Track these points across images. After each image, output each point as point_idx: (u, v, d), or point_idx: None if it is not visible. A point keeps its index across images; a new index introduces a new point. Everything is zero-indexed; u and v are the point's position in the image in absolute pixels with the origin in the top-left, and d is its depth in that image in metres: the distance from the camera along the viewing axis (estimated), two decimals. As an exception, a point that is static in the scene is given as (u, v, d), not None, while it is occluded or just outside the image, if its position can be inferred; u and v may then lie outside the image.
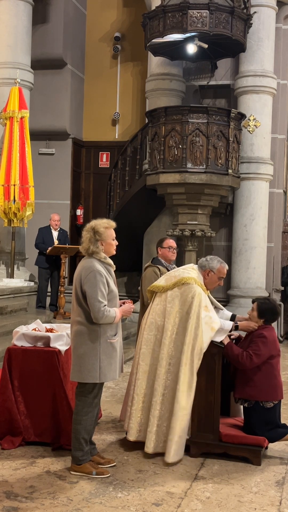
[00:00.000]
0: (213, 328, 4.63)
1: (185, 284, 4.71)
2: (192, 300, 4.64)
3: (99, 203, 12.72)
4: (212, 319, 4.65)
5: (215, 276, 4.81)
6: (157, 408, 4.63)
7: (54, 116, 12.08)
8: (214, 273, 4.80)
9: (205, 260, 4.88)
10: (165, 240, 5.93)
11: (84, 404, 4.28)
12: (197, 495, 3.99)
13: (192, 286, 4.69)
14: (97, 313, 4.10)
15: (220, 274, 4.83)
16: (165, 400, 4.64)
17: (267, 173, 10.35)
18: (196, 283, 4.71)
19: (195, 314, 4.61)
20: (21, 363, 4.81)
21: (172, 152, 9.40)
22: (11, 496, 3.85)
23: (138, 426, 4.72)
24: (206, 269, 4.82)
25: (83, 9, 12.75)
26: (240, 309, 10.17)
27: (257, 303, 4.87)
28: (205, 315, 4.63)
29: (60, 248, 9.41)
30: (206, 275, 4.81)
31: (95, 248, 4.22)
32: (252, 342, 4.72)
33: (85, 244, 4.25)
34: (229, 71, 10.82)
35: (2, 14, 10.20)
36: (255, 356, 4.60)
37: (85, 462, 4.28)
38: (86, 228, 4.29)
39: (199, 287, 4.70)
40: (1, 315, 8.59)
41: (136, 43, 11.98)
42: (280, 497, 4.02)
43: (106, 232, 4.26)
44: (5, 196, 9.72)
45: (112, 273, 4.32)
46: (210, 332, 4.62)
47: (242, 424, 4.90)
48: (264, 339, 4.67)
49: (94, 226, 4.25)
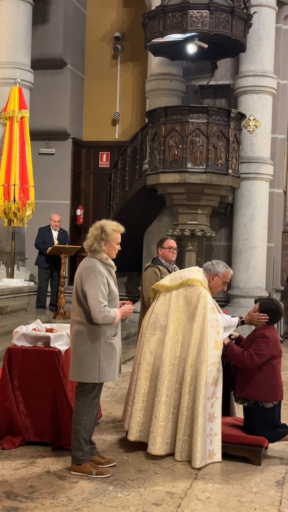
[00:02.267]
0: (218, 332, 4.65)
1: (191, 286, 4.72)
2: (197, 301, 4.65)
3: (99, 203, 12.72)
4: (218, 323, 4.67)
5: (220, 281, 4.83)
6: (161, 408, 4.62)
7: (54, 116, 12.08)
8: (219, 277, 4.82)
9: (210, 264, 4.89)
10: (166, 241, 5.94)
11: (83, 404, 4.28)
12: (197, 495, 3.99)
13: (198, 288, 4.70)
14: (97, 313, 4.10)
15: (225, 279, 4.85)
16: (169, 401, 4.64)
17: (267, 173, 10.35)
18: (202, 285, 4.73)
19: (200, 315, 4.61)
20: (21, 363, 4.81)
21: (172, 152, 9.40)
22: (11, 496, 3.85)
23: (138, 426, 4.72)
24: (212, 273, 4.83)
25: (83, 9, 12.75)
26: (240, 309, 10.17)
27: (260, 303, 4.87)
28: (212, 317, 4.64)
29: (60, 248, 9.41)
30: (211, 279, 4.82)
31: (98, 246, 4.22)
32: (253, 342, 4.72)
33: (90, 241, 4.24)
34: (229, 71, 10.82)
35: (2, 14, 10.20)
36: (256, 356, 4.60)
37: (85, 462, 4.27)
38: (95, 225, 4.28)
39: (205, 289, 4.71)
40: (1, 315, 8.59)
41: (136, 43, 11.98)
42: (280, 497, 4.02)
43: (113, 234, 4.25)
44: (5, 196, 9.72)
45: (113, 273, 4.32)
46: (216, 336, 4.63)
47: (242, 424, 4.90)
48: (266, 339, 4.67)
49: (104, 225, 4.24)
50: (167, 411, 4.63)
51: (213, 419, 4.60)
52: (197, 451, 4.47)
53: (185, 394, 4.58)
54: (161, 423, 4.61)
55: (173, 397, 4.64)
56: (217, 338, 4.64)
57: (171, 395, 4.64)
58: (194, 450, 4.48)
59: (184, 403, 4.57)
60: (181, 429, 4.57)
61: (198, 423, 4.49)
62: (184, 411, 4.57)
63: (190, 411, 4.56)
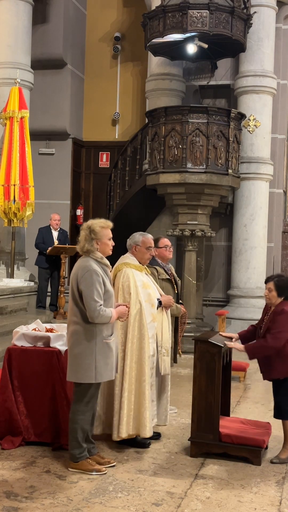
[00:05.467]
0: (153, 305, 4.82)
1: (119, 272, 4.85)
2: (128, 282, 4.76)
3: (99, 203, 12.72)
4: (151, 296, 4.82)
5: (142, 248, 4.93)
6: (116, 391, 4.73)
7: (54, 116, 12.08)
8: (140, 245, 4.92)
9: (128, 240, 5.00)
10: (160, 240, 5.92)
11: (81, 404, 4.28)
12: (197, 495, 3.99)
13: (123, 271, 4.83)
14: (92, 312, 4.12)
15: (146, 245, 4.95)
16: (117, 382, 4.71)
17: (267, 173, 10.36)
18: (128, 266, 4.85)
19: (134, 294, 4.72)
20: (21, 363, 4.81)
21: (172, 152, 9.40)
22: (11, 496, 3.85)
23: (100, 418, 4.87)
24: (132, 246, 4.94)
25: (83, 9, 12.75)
26: (240, 309, 10.18)
27: (273, 282, 4.75)
28: (144, 292, 4.79)
29: (60, 248, 9.41)
30: (134, 252, 4.94)
31: (90, 246, 4.24)
32: (273, 321, 4.65)
33: (81, 243, 4.29)
34: (229, 71, 10.83)
35: (2, 14, 10.20)
36: (279, 334, 4.55)
37: (82, 459, 4.29)
38: (83, 226, 4.34)
39: (131, 269, 4.83)
40: (1, 315, 8.59)
41: (136, 43, 11.98)
42: (280, 497, 4.02)
43: (102, 231, 4.27)
44: (5, 196, 9.72)
45: (109, 273, 4.35)
46: (151, 309, 4.79)
47: (242, 424, 4.89)
48: (284, 315, 4.61)
49: (90, 225, 4.28)
50: (118, 391, 4.71)
51: (151, 387, 4.78)
52: (147, 421, 4.64)
53: (130, 371, 4.67)
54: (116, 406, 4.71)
55: (120, 375, 4.70)
56: (153, 311, 4.81)
57: (119, 375, 4.70)
58: (144, 421, 4.64)
59: (130, 379, 4.66)
60: (127, 405, 4.64)
61: (146, 394, 4.64)
62: (128, 386, 4.66)
63: (135, 385, 4.68)
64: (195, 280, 9.79)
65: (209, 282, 10.96)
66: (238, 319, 10.04)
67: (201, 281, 10.40)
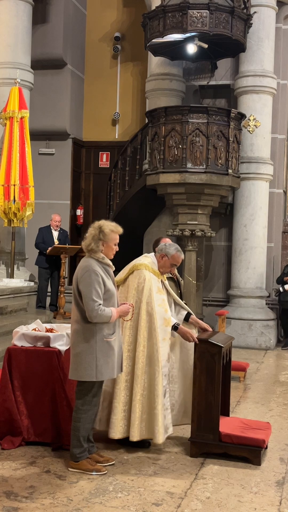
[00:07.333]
0: (166, 310, 4.76)
1: (137, 270, 4.82)
2: (143, 285, 4.74)
3: (99, 203, 12.72)
4: (165, 302, 4.79)
5: (168, 262, 4.90)
6: (121, 394, 4.69)
7: (54, 116, 12.08)
8: (168, 258, 4.89)
9: (164, 245, 4.97)
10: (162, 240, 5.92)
11: (83, 402, 4.29)
12: (197, 495, 3.99)
13: (141, 271, 4.80)
14: (91, 311, 4.13)
15: (174, 261, 4.91)
16: (128, 386, 4.68)
17: (267, 173, 10.36)
18: (147, 268, 4.82)
19: (145, 298, 4.70)
20: (21, 363, 4.81)
21: (172, 152, 9.40)
22: (11, 496, 3.85)
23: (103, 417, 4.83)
24: (162, 253, 4.91)
25: (83, 9, 12.75)
26: (240, 309, 10.18)
27: None
28: (158, 297, 4.75)
29: (60, 248, 9.41)
30: (160, 259, 4.91)
31: (95, 246, 4.24)
32: None
33: (88, 240, 4.29)
34: (229, 71, 10.83)
35: (2, 14, 10.20)
36: None
37: (82, 459, 4.29)
38: (94, 225, 4.32)
39: (149, 272, 4.80)
40: (1, 315, 8.59)
41: (136, 43, 11.98)
42: (280, 497, 4.02)
43: (110, 234, 4.28)
44: (5, 196, 9.72)
45: (111, 272, 4.34)
46: (164, 314, 4.74)
47: (242, 424, 4.90)
48: None
49: (102, 226, 4.28)
50: (127, 395, 4.69)
51: (166, 394, 4.73)
52: (159, 427, 4.59)
53: (142, 374, 4.64)
54: (122, 407, 4.67)
55: (130, 380, 4.69)
56: (165, 315, 4.75)
57: (130, 379, 4.69)
58: (156, 427, 4.60)
59: (142, 383, 4.64)
60: (139, 409, 4.62)
61: (159, 399, 4.59)
62: (141, 391, 4.63)
63: (147, 390, 4.64)
64: (195, 280, 9.79)
65: (209, 282, 10.97)
66: (238, 319, 10.05)
67: (201, 281, 10.40)
